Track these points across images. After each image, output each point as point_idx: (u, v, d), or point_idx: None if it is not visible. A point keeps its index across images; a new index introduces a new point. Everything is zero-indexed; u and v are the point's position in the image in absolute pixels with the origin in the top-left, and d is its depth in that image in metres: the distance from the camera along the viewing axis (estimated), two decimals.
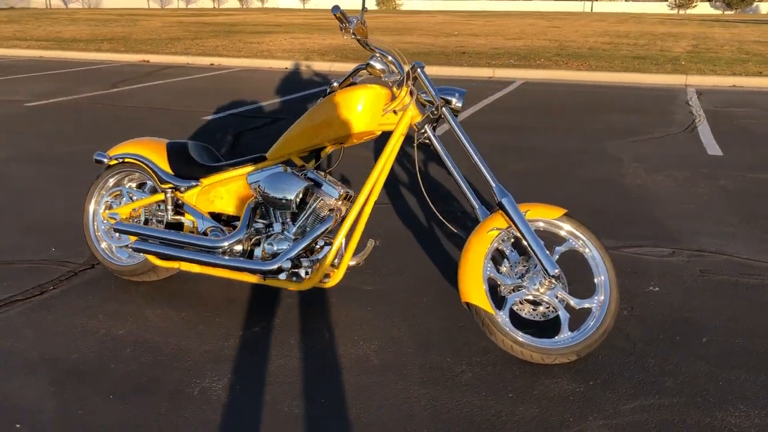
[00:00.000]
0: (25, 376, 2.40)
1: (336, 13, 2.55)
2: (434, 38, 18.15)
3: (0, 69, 11.64)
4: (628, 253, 3.56)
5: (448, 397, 2.30)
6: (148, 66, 12.35)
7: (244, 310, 2.91)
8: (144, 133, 6.39)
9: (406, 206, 4.29)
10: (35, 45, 15.09)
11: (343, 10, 2.57)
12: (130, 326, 2.77)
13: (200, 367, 2.46)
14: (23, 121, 7.00)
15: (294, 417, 2.18)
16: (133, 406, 2.23)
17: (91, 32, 19.57)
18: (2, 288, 3.10)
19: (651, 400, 2.29)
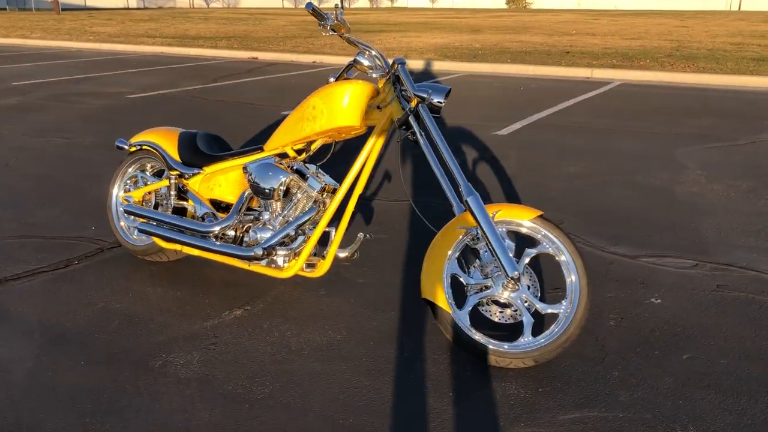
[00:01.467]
0: (18, 338, 2.65)
1: (309, 9, 2.62)
2: (547, 37, 17.74)
3: (121, 63, 12.59)
4: (644, 262, 3.39)
5: (388, 390, 2.32)
6: (255, 63, 12.92)
7: (234, 293, 3.05)
8: (219, 125, 6.74)
9: (423, 203, 4.29)
10: (160, 42, 16.18)
11: (317, 7, 2.63)
12: (128, 301, 2.97)
13: (171, 343, 2.62)
14: (119, 111, 7.57)
15: (233, 397, 2.28)
16: (97, 372, 2.41)
17: (216, 30, 20.69)
18: (36, 259, 3.41)
19: (595, 413, 2.20)
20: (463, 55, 12.83)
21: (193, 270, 3.30)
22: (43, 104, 7.91)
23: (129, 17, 29.59)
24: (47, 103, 7.97)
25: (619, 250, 3.55)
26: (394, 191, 4.57)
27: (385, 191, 4.59)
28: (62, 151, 5.69)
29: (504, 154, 5.62)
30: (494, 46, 15.23)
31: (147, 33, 19.15)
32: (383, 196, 4.47)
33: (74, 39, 16.92)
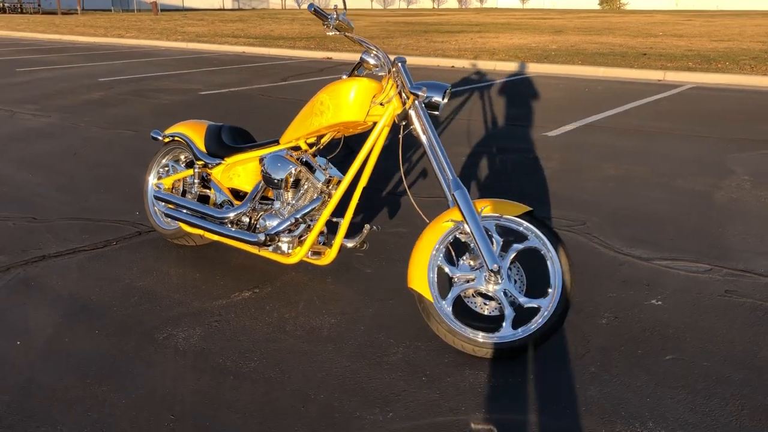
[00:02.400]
0: (46, 307, 2.93)
1: (311, 10, 2.77)
2: (629, 39, 17.30)
3: (203, 62, 13.17)
4: (657, 265, 3.37)
5: (364, 372, 2.44)
6: (328, 62, 13.24)
7: (248, 277, 3.24)
8: (273, 120, 7.01)
9: None
10: (244, 42, 16.79)
11: (319, 8, 2.78)
12: (150, 280, 3.22)
13: (179, 319, 2.83)
14: (189, 106, 7.98)
15: (221, 369, 2.46)
16: (107, 341, 2.65)
17: (299, 31, 21.26)
18: (79, 239, 3.72)
19: (560, 405, 2.25)
20: (535, 57, 12.71)
21: (215, 254, 3.52)
22: (122, 99, 8.43)
23: (220, 18, 30.75)
24: (126, 98, 8.49)
25: (635, 252, 3.53)
26: (426, 188, 4.67)
27: (417, 187, 4.69)
28: (128, 142, 6.09)
29: (546, 155, 5.62)
30: (571, 47, 14.99)
31: (233, 33, 19.89)
32: (413, 192, 4.57)
33: (165, 38, 17.79)
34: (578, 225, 3.94)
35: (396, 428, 2.12)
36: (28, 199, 4.38)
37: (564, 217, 4.09)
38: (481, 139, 6.21)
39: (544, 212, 4.17)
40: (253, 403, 2.25)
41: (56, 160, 5.37)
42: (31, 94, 8.79)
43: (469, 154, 5.63)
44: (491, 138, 6.27)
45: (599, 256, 3.49)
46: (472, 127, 6.75)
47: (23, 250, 3.54)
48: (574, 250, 3.57)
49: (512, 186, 4.72)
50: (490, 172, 5.09)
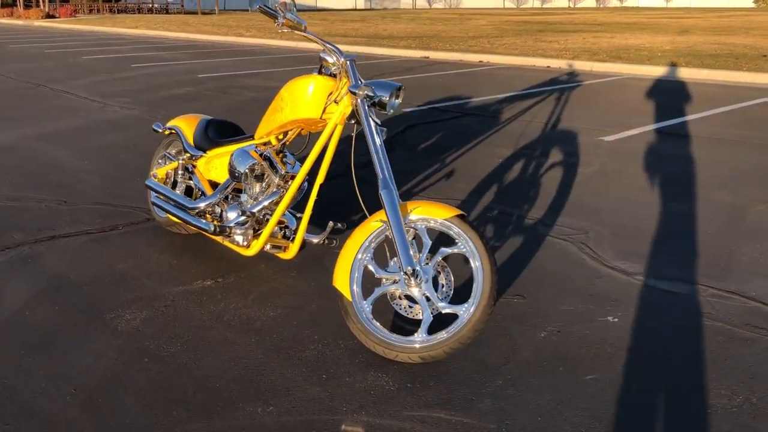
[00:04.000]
0: (30, 283, 3.18)
1: (257, 8, 2.83)
2: (762, 39, 16.03)
3: (300, 60, 13.59)
4: (638, 280, 3.16)
5: (272, 366, 2.48)
6: (423, 61, 13.27)
7: (219, 266, 3.35)
8: None
9: (473, 202, 4.29)
10: (351, 41, 17.16)
11: (266, 6, 2.82)
12: (131, 263, 3.41)
13: (134, 301, 2.99)
14: (262, 103, 8.26)
15: (143, 350, 2.57)
16: (63, 316, 2.84)
17: (411, 30, 21.41)
18: (92, 222, 4.00)
19: (441, 414, 2.19)
20: (638, 58, 12.09)
21: (203, 244, 3.65)
22: (206, 94, 8.88)
23: (344, 18, 31.53)
24: (210, 94, 8.94)
25: (620, 265, 3.33)
26: (442, 189, 4.60)
27: (433, 188, 4.64)
28: None
29: (588, 161, 5.37)
30: (686, 48, 14.12)
31: (345, 33, 20.36)
32: (433, 196, 4.53)
33: (278, 38, 18.51)
34: (578, 234, 3.76)
35: (266, 422, 2.14)
36: (69, 184, 4.74)
37: (569, 225, 3.91)
38: (529, 141, 6.03)
39: (551, 218, 4.00)
40: (151, 385, 2.35)
41: (115, 151, 5.77)
42: (129, 88, 9.45)
43: (507, 156, 5.49)
44: (540, 140, 6.07)
45: (581, 267, 3.32)
46: (528, 129, 6.56)
47: (39, 230, 3.85)
48: (558, 259, 3.41)
49: (529, 190, 4.56)
50: (516, 175, 4.94)
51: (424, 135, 6.31)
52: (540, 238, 3.71)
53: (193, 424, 2.14)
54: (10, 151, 5.70)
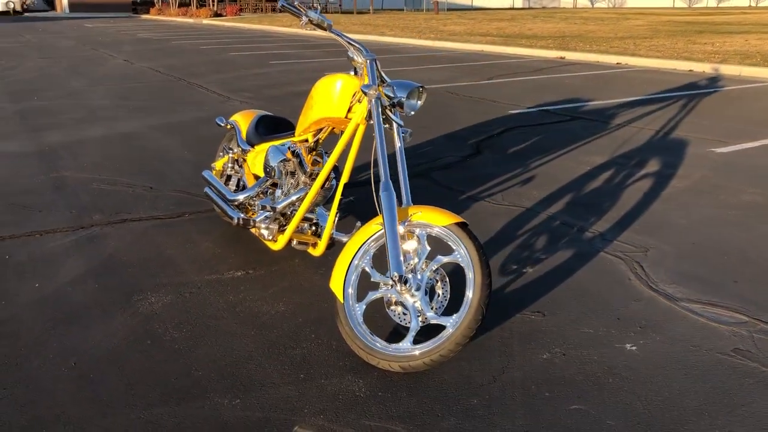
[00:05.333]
0: (84, 261, 3.43)
1: (281, 6, 2.86)
2: None
3: (429, 59, 13.60)
4: (680, 307, 2.88)
5: (258, 360, 2.52)
6: (556, 62, 12.82)
7: (256, 258, 3.43)
8: (432, 117, 7.08)
9: (537, 211, 4.10)
10: (487, 40, 16.92)
11: (289, 4, 2.84)
12: (179, 250, 3.59)
13: (164, 286, 3.15)
14: None
15: (150, 333, 2.70)
16: (96, 294, 3.05)
17: (558, 30, 20.73)
18: (164, 208, 4.25)
19: (398, 428, 2.13)
20: None
21: (251, 236, 3.76)
22: None
23: (491, 17, 31.14)
24: None
25: (668, 290, 3.04)
26: (515, 197, 4.43)
27: (504, 193, 4.48)
28: None
29: (687, 173, 4.95)
30: None
31: (487, 32, 20.10)
32: (497, 200, 4.38)
33: (417, 36, 18.63)
34: (637, 252, 3.48)
35: (226, 415, 2.18)
36: (162, 172, 5.06)
37: (632, 241, 3.63)
38: (631, 149, 5.65)
39: (614, 233, 3.74)
40: (142, 367, 2.47)
41: (216, 143, 6.09)
42: (258, 84, 9.92)
43: (598, 164, 5.18)
44: (643, 149, 5.66)
45: (622, 287, 3.07)
46: (636, 136, 6.15)
47: (116, 213, 4.16)
48: (600, 276, 3.18)
49: (605, 201, 4.28)
50: (598, 184, 4.65)
51: (520, 138, 6.10)
52: (592, 252, 3.47)
53: (161, 408, 2.22)
54: (126, 139, 6.18)
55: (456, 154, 5.58)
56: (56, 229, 3.88)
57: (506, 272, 3.24)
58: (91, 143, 6.02)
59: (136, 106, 7.98)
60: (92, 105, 8.05)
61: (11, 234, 3.80)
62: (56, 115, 7.41)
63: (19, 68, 11.87)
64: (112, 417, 2.17)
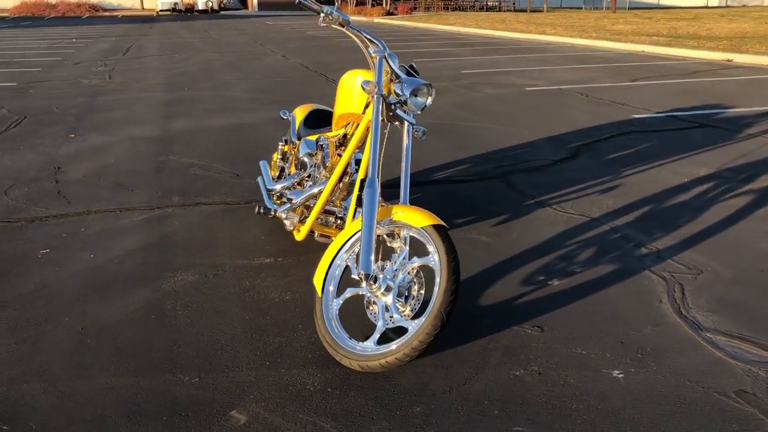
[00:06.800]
0: (141, 238, 3.73)
1: (297, 2, 2.91)
2: None
3: (579, 59, 13.03)
4: (700, 337, 2.60)
5: (236, 344, 2.61)
6: (719, 65, 11.79)
7: (291, 247, 3.51)
8: (553, 120, 6.82)
9: (601, 222, 3.86)
10: (651, 41, 15.89)
11: (305, 2, 2.89)
12: (230, 234, 3.78)
13: (196, 267, 3.34)
14: (499, 101, 8.20)
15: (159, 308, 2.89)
16: (135, 269, 3.30)
17: (740, 30, 19.01)
18: (238, 195, 4.49)
19: (327, 425, 2.13)
20: None
21: None
22: (452, 89, 9.10)
23: (670, 16, 29.15)
24: (454, 89, 9.14)
25: (699, 317, 2.76)
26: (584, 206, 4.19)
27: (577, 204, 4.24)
28: None
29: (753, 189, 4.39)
30: None
31: (656, 32, 18.87)
32: (564, 207, 4.17)
33: (578, 35, 17.91)
34: (686, 273, 3.17)
35: (179, 391, 2.30)
36: (255, 161, 5.30)
37: (688, 261, 3.31)
38: (744, 162, 5.10)
39: (673, 251, 3.43)
40: (135, 339, 2.65)
41: None
42: None
43: (697, 176, 4.74)
44: (761, 164, 5.08)
45: (646, 309, 2.83)
46: (762, 149, 5.53)
47: (194, 196, 4.46)
48: (628, 296, 2.95)
49: (683, 216, 3.91)
50: (684, 198, 4.26)
51: (628, 144, 5.72)
52: (635, 270, 3.20)
53: (128, 377, 2.38)
54: (243, 129, 6.57)
55: (549, 157, 5.35)
56: (136, 207, 4.23)
57: (528, 282, 3.08)
58: (210, 131, 6.46)
59: (270, 99, 8.43)
60: (231, 97, 8.62)
61: (97, 209, 4.20)
62: (195, 104, 8.03)
63: (189, 61, 12.97)
64: (83, 380, 2.35)
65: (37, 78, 10.48)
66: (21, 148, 5.83)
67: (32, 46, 16.44)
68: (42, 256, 3.46)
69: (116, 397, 2.25)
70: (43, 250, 3.55)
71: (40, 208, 4.21)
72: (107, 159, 5.45)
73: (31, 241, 3.67)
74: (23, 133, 6.48)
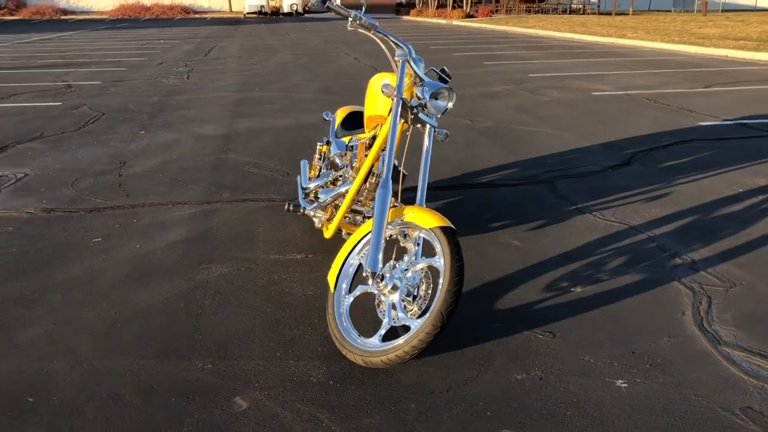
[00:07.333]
0: (185, 230, 3.92)
1: (327, 6, 3.01)
2: None
3: (653, 63, 12.63)
4: (717, 352, 2.54)
5: (255, 335, 2.73)
6: None
7: (327, 244, 3.59)
8: (612, 127, 6.68)
9: (640, 230, 3.79)
10: (733, 45, 15.23)
11: (335, 5, 2.98)
12: (268, 230, 3.91)
13: (231, 259, 3.49)
14: (563, 106, 8.07)
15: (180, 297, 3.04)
16: (173, 260, 3.49)
17: None
18: (285, 192, 4.64)
19: (322, 416, 2.21)
20: None
21: None
22: (516, 93, 9.03)
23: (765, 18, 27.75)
24: (515, 92, 9.06)
25: (720, 331, 2.69)
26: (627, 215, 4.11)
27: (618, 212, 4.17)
28: (458, 129, 6.72)
29: None
30: None
31: (746, 36, 18.04)
32: (605, 215, 4.11)
33: (660, 39, 17.33)
34: (718, 286, 3.09)
35: (191, 376, 2.43)
36: None
37: (724, 274, 3.21)
38: None
39: (709, 263, 3.34)
40: (162, 325, 2.81)
41: None
42: (459, 83, 10.09)
43: (755, 187, 4.56)
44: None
45: (665, 321, 2.77)
46: None
47: (242, 193, 4.64)
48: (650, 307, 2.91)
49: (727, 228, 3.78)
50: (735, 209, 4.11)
51: (687, 152, 5.55)
52: (663, 280, 3.14)
53: (148, 360, 2.53)
54: (302, 129, 6.75)
55: (601, 163, 5.26)
56: (187, 201, 4.44)
57: (550, 288, 3.07)
58: (271, 131, 6.66)
59: (333, 100, 8.59)
60: (297, 98, 8.84)
61: (151, 202, 4.43)
62: (262, 104, 8.28)
63: (265, 62, 13.35)
64: (106, 360, 2.52)
65: (121, 77, 11.03)
66: (94, 143, 6.19)
67: (123, 47, 17.30)
68: (93, 245, 3.68)
69: (133, 378, 2.39)
70: (96, 238, 3.77)
71: (99, 200, 4.47)
72: (170, 155, 5.71)
73: (86, 230, 3.91)
74: (98, 129, 6.86)
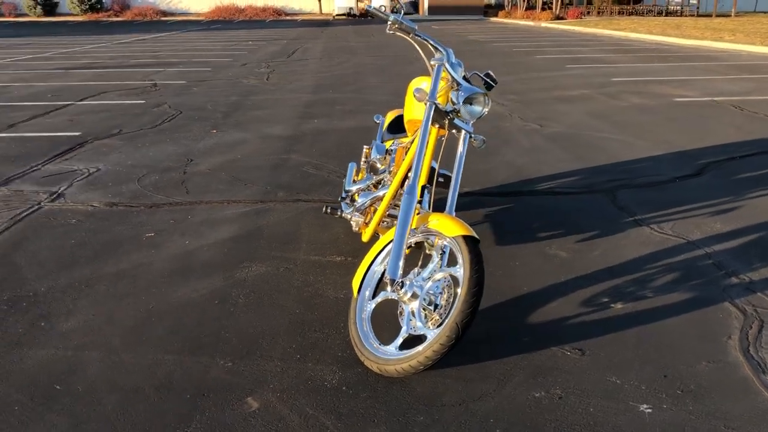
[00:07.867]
0: (236, 227, 4.00)
1: (368, 9, 2.99)
2: None
3: (753, 69, 11.96)
4: (761, 381, 2.38)
5: (280, 336, 2.75)
6: None
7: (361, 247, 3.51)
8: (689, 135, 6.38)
9: (695, 246, 3.60)
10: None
11: (374, 8, 2.96)
12: (313, 231, 3.94)
13: (272, 260, 3.53)
14: (642, 112, 7.77)
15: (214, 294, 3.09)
16: (216, 256, 3.56)
17: None
18: (337, 194, 4.68)
19: (328, 422, 2.20)
20: None
21: None
22: (592, 97, 8.76)
23: None
24: (596, 97, 8.78)
25: (764, 356, 2.51)
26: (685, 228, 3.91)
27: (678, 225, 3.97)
28: (495, 132, 6.59)
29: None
30: None
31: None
32: (663, 228, 3.92)
33: (761, 43, 16.42)
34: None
35: (210, 374, 2.47)
36: None
37: None
38: None
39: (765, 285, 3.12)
40: (192, 321, 2.87)
41: None
42: (533, 87, 9.88)
43: None
44: None
45: (709, 345, 2.61)
46: None
47: (297, 193, 4.70)
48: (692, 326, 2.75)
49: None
50: None
51: (765, 164, 5.22)
52: (714, 300, 2.96)
53: (173, 355, 2.59)
54: (365, 132, 6.76)
55: (669, 173, 5.02)
56: (242, 200, 4.53)
57: (589, 303, 2.95)
58: (337, 132, 6.72)
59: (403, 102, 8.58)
60: (369, 99, 8.88)
61: (208, 200, 4.55)
62: (333, 106, 8.37)
63: (345, 64, 13.51)
64: (133, 354, 2.60)
65: (204, 77, 11.41)
66: (167, 141, 6.41)
67: (212, 48, 17.90)
68: (145, 240, 3.81)
69: (155, 372, 2.45)
70: (149, 234, 3.90)
71: (160, 196, 4.62)
72: (236, 154, 5.85)
73: (142, 225, 4.05)
74: (173, 127, 7.11)
